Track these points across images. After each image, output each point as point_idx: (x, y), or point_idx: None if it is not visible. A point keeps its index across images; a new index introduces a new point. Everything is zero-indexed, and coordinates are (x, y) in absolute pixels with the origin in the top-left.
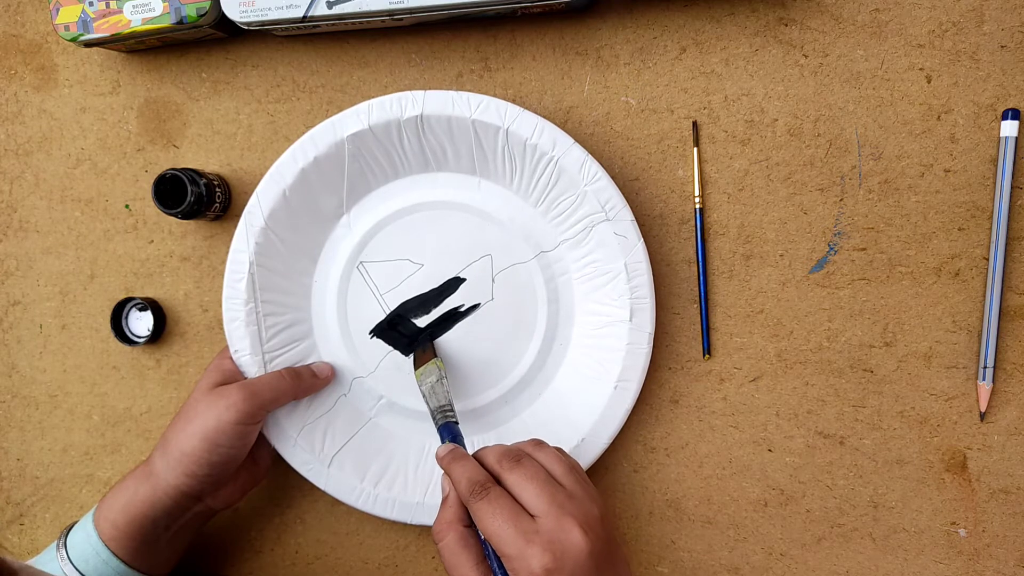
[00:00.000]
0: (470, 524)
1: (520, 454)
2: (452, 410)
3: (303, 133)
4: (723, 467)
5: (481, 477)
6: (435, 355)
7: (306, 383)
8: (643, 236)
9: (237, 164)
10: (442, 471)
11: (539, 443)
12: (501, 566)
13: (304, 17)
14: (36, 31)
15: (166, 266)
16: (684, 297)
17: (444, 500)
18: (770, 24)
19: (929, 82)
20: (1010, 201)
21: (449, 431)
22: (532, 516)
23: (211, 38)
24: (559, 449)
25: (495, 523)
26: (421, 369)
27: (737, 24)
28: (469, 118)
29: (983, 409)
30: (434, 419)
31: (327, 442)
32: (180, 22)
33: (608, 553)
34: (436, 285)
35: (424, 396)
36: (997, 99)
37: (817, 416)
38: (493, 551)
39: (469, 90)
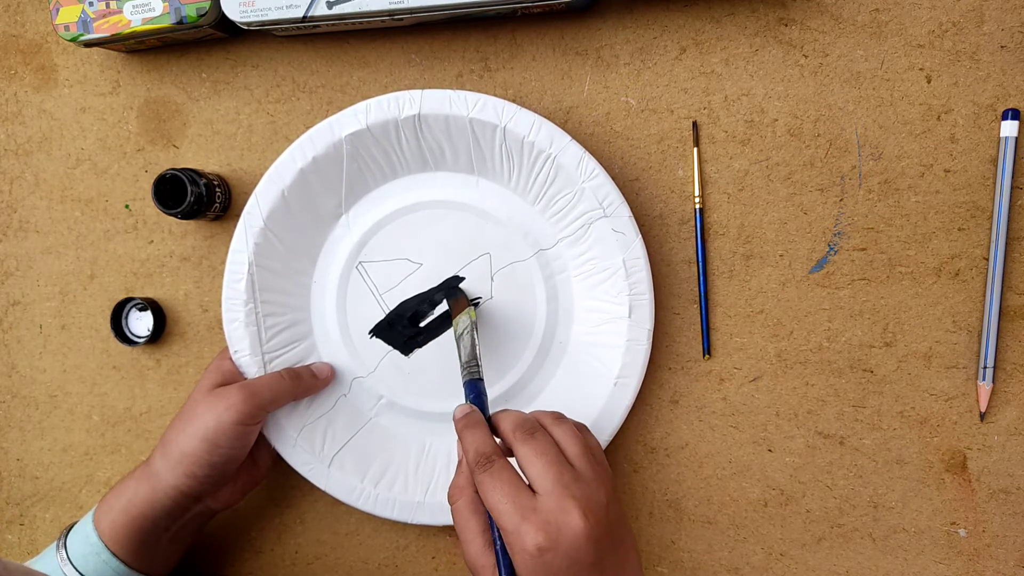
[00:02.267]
0: None
1: (535, 427)
2: (477, 365)
3: (303, 133)
4: (723, 467)
5: (487, 448)
6: (468, 303)
7: (306, 383)
8: (643, 236)
9: (237, 164)
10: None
11: (559, 417)
12: (501, 537)
13: (304, 17)
14: (36, 31)
15: (166, 266)
16: (684, 297)
17: (459, 463)
18: (770, 24)
19: (929, 82)
20: (1010, 201)
21: (473, 388)
22: (535, 493)
23: (211, 38)
24: (581, 426)
25: (495, 496)
26: (456, 319)
27: (737, 24)
28: (466, 117)
29: (983, 409)
30: (461, 373)
31: (327, 442)
32: (180, 22)
33: (612, 539)
34: (435, 284)
35: (457, 347)
36: (997, 99)
37: (817, 416)
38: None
39: (469, 90)
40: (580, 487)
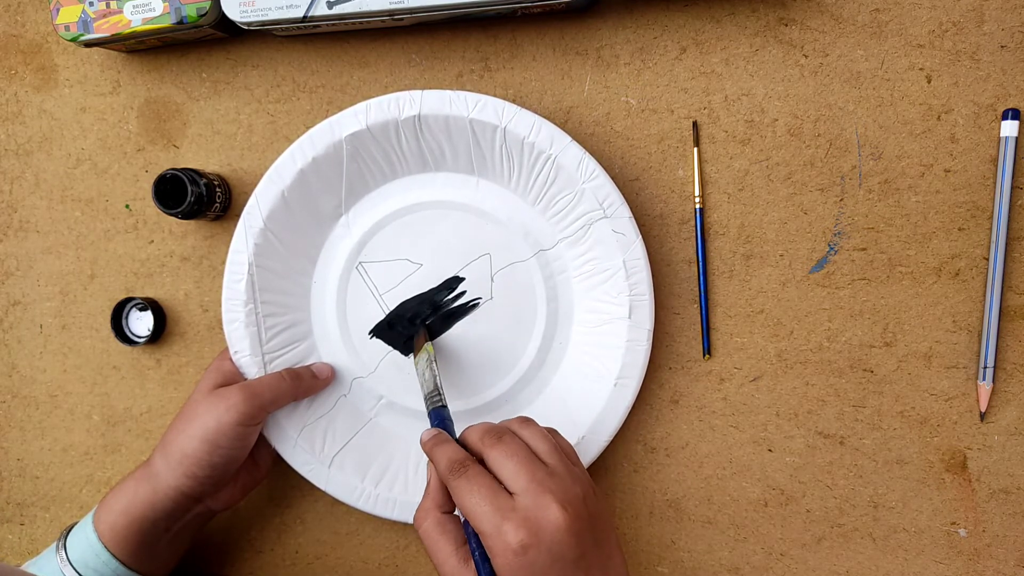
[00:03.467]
0: (449, 510)
1: (503, 431)
2: (439, 395)
3: (303, 133)
4: (723, 467)
5: (460, 455)
6: (427, 340)
7: (306, 384)
8: (643, 236)
9: (237, 164)
10: (427, 460)
11: (526, 420)
12: (480, 545)
13: (304, 17)
14: (36, 31)
15: (166, 266)
16: (684, 297)
17: (426, 487)
18: (770, 24)
19: (929, 82)
20: (1010, 201)
21: (437, 416)
22: (511, 493)
23: (211, 38)
24: (550, 429)
25: (472, 500)
26: (417, 356)
27: (737, 24)
28: (466, 117)
29: (983, 409)
30: (425, 406)
31: (327, 442)
32: (180, 22)
33: (593, 534)
34: (435, 285)
35: (419, 382)
36: (997, 99)
37: (817, 416)
38: (472, 530)
39: (469, 90)
40: (555, 482)
